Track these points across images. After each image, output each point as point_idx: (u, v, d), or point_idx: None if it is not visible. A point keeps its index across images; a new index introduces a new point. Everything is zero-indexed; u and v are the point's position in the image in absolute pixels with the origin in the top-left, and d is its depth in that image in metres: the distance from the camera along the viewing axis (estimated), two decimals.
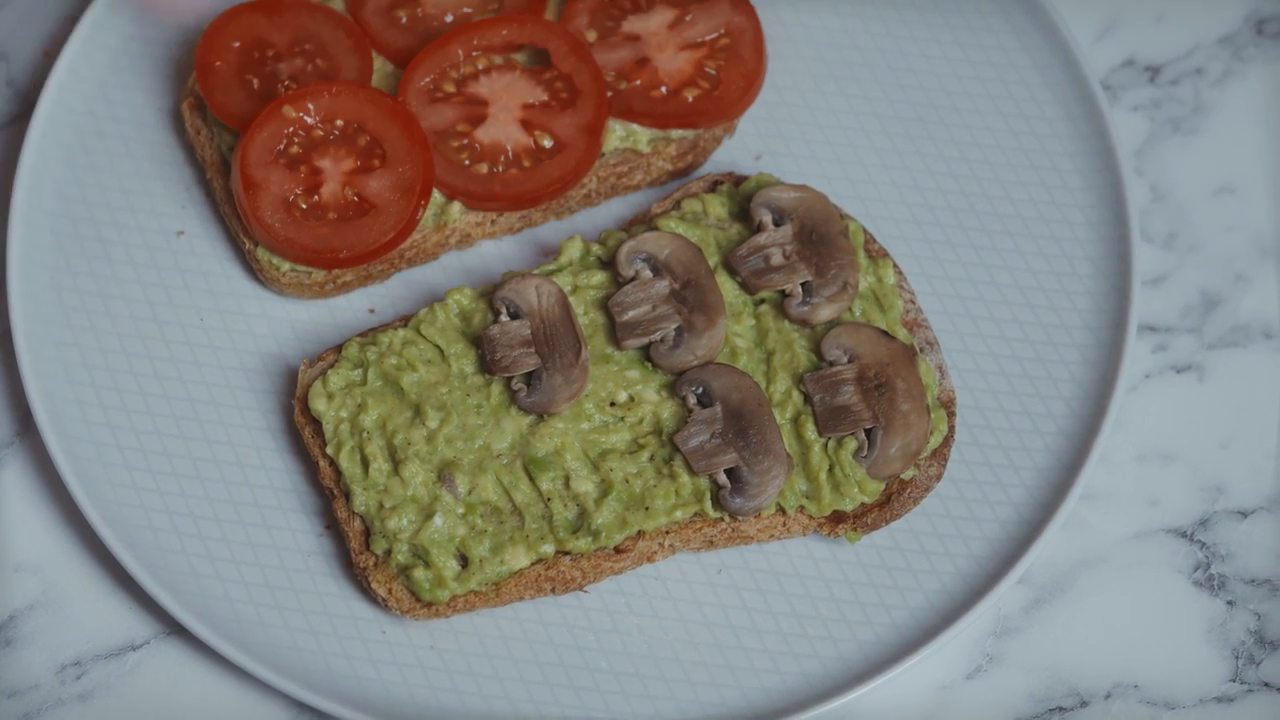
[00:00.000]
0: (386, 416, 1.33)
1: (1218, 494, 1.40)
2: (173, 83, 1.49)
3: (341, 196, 1.39)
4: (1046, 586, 1.36)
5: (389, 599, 1.30)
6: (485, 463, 1.31)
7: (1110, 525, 1.38)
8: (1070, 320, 1.42)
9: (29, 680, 1.32)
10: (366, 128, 1.40)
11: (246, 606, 1.32)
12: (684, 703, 1.30)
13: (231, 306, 1.42)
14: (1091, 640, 1.35)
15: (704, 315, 1.35)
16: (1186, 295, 1.47)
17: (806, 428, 1.32)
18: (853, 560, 1.35)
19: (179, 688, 1.32)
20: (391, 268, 1.42)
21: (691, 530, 1.32)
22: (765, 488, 1.30)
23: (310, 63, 1.45)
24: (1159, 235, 1.49)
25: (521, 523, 1.30)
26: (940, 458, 1.35)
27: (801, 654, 1.32)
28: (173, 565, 1.33)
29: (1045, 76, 1.51)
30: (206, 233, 1.44)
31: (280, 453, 1.37)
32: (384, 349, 1.35)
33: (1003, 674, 1.34)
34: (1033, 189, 1.47)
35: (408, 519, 1.30)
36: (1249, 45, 1.56)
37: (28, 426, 1.39)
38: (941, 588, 1.34)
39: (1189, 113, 1.53)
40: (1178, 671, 1.34)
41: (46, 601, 1.34)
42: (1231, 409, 1.42)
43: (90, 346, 1.39)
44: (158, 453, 1.36)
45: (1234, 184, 1.50)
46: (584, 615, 1.33)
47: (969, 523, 1.36)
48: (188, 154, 1.47)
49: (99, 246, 1.43)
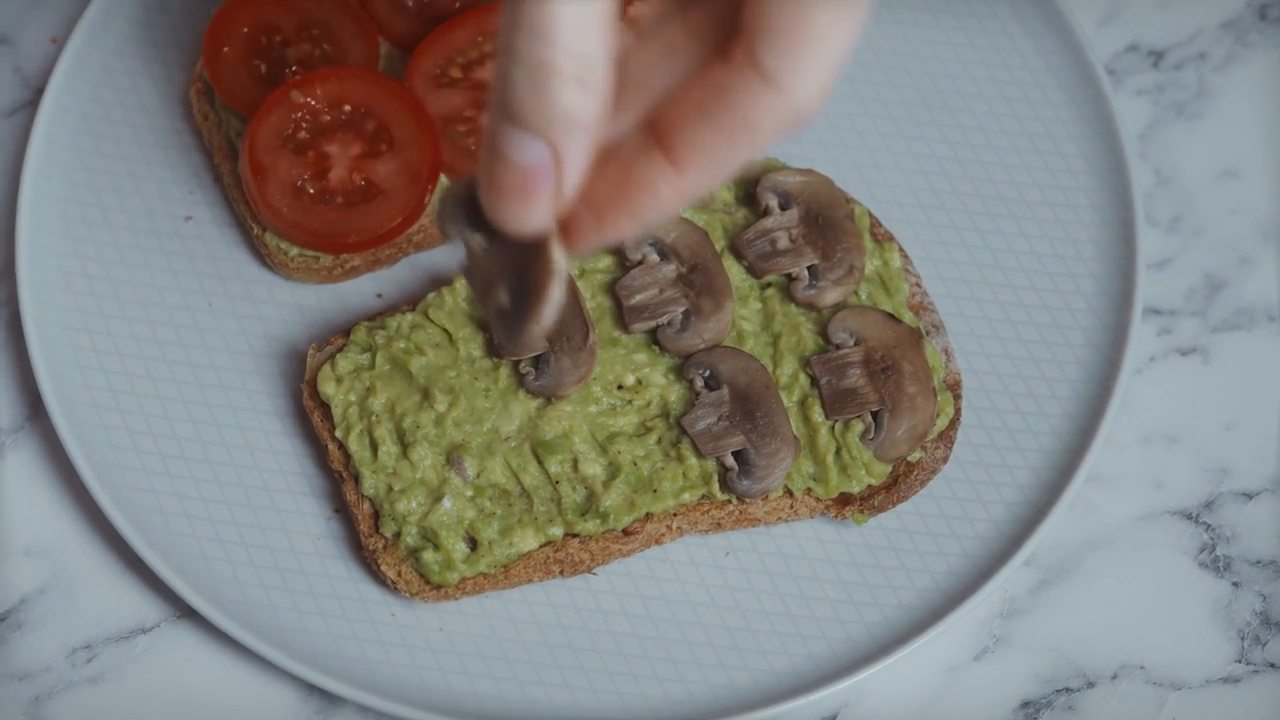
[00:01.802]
0: (395, 400, 1.33)
1: (1222, 476, 1.40)
2: (180, 69, 1.49)
3: (349, 181, 1.40)
4: (1052, 568, 1.37)
5: (398, 581, 1.30)
6: (494, 445, 1.32)
7: (1116, 507, 1.39)
8: (1075, 303, 1.43)
9: (40, 663, 1.32)
10: (374, 113, 1.41)
11: (256, 589, 1.32)
12: (692, 684, 1.31)
13: (240, 291, 1.42)
14: (1098, 622, 1.35)
15: (711, 299, 1.35)
16: (1190, 278, 1.47)
17: (813, 410, 1.33)
18: (860, 542, 1.35)
19: (189, 670, 1.32)
20: (399, 252, 1.43)
21: (699, 512, 1.33)
22: (773, 470, 1.31)
23: (317, 48, 1.45)
24: (1163, 219, 1.49)
25: (530, 505, 1.31)
26: (946, 440, 1.35)
27: (809, 636, 1.32)
28: (182, 549, 1.33)
29: (1049, 61, 1.51)
30: (214, 218, 1.45)
31: (289, 436, 1.37)
32: (392, 333, 1.35)
33: (1010, 655, 1.35)
34: (1037, 173, 1.48)
35: (417, 502, 1.30)
36: (1252, 30, 1.56)
37: (37, 411, 1.40)
38: (948, 569, 1.34)
39: (1192, 97, 1.54)
40: (1184, 652, 1.35)
41: (57, 585, 1.35)
42: (1236, 391, 1.43)
43: (99, 331, 1.40)
44: (167, 437, 1.37)
45: (1237, 168, 1.51)
46: (592, 597, 1.33)
47: (975, 505, 1.36)
48: (195, 140, 1.47)
49: (107, 232, 1.43)
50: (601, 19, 0.89)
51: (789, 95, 0.90)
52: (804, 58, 0.89)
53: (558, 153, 0.92)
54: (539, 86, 0.90)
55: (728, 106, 0.91)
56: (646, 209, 0.94)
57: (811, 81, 0.90)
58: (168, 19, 1.51)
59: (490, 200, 0.95)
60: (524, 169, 0.92)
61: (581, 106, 0.90)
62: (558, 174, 0.93)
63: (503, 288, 1.02)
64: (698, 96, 0.92)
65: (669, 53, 0.95)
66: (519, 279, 1.00)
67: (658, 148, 0.93)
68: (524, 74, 0.90)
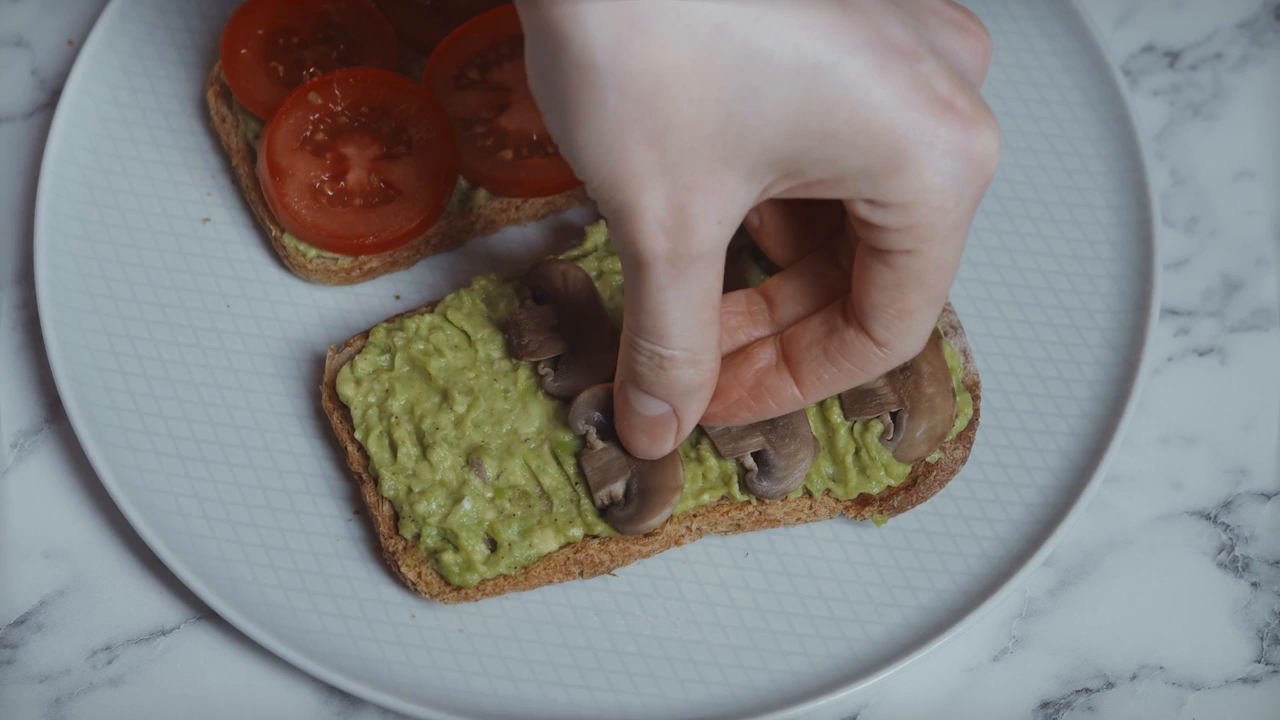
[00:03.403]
0: (414, 401, 1.33)
1: (1241, 476, 1.40)
2: (197, 71, 1.49)
3: (367, 183, 1.40)
4: (1071, 569, 1.37)
5: (418, 583, 1.30)
6: (513, 447, 1.32)
7: (1134, 508, 1.39)
8: (1093, 304, 1.43)
9: (60, 665, 1.33)
10: (392, 114, 1.41)
11: (275, 591, 1.32)
12: (712, 685, 1.31)
13: (258, 293, 1.42)
14: (1117, 622, 1.35)
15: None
16: (1208, 279, 1.47)
17: (832, 411, 1.33)
18: (879, 543, 1.35)
19: (209, 672, 1.32)
20: (417, 254, 1.43)
21: (719, 513, 1.33)
22: (792, 471, 1.31)
23: (334, 49, 1.45)
24: (1180, 219, 1.49)
25: (550, 506, 1.31)
26: (965, 441, 1.35)
27: (828, 636, 1.32)
28: (202, 550, 1.33)
29: (1065, 62, 1.51)
30: (233, 220, 1.45)
31: (308, 438, 1.37)
32: (411, 334, 1.35)
33: (1029, 656, 1.35)
34: (1054, 173, 1.48)
35: (436, 503, 1.30)
36: (1268, 30, 1.56)
37: (56, 413, 1.40)
38: (967, 570, 1.34)
39: (1209, 97, 1.54)
40: (1203, 653, 1.35)
41: (77, 587, 1.35)
42: (1254, 391, 1.43)
43: (118, 333, 1.40)
44: (186, 439, 1.37)
45: (1254, 168, 1.51)
46: (612, 599, 1.33)
47: (994, 505, 1.36)
48: (213, 141, 1.47)
49: (125, 234, 1.43)
50: (703, 321, 1.13)
51: (896, 353, 1.17)
52: (905, 331, 1.15)
53: (678, 410, 1.20)
54: (658, 370, 1.17)
55: (848, 358, 1.18)
56: (768, 412, 1.22)
57: (913, 342, 1.16)
58: (184, 21, 1.51)
59: (623, 435, 1.25)
60: (650, 419, 1.21)
61: (694, 380, 1.17)
62: (679, 422, 1.21)
63: (619, 483, 1.28)
64: (824, 343, 1.18)
65: (798, 295, 1.22)
66: (639, 481, 1.28)
67: (787, 370, 1.20)
68: (646, 360, 1.16)
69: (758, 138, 1.05)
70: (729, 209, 1.08)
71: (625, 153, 1.05)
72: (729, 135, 1.05)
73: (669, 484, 1.28)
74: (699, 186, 1.06)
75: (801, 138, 1.05)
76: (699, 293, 1.11)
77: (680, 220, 1.07)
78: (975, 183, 1.08)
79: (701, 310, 1.13)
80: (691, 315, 1.12)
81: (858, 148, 1.05)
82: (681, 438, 1.23)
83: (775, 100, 1.04)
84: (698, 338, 1.14)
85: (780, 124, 1.05)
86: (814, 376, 1.19)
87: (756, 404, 1.22)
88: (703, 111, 1.03)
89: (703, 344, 1.15)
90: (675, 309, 1.11)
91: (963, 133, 1.06)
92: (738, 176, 1.07)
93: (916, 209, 1.08)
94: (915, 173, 1.06)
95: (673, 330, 1.13)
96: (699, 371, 1.16)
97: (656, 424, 1.21)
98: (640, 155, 1.04)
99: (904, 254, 1.10)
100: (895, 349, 1.16)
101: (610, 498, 1.29)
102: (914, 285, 1.11)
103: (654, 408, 1.20)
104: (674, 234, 1.07)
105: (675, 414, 1.20)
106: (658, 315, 1.12)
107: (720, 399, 1.22)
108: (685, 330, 1.13)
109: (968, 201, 1.08)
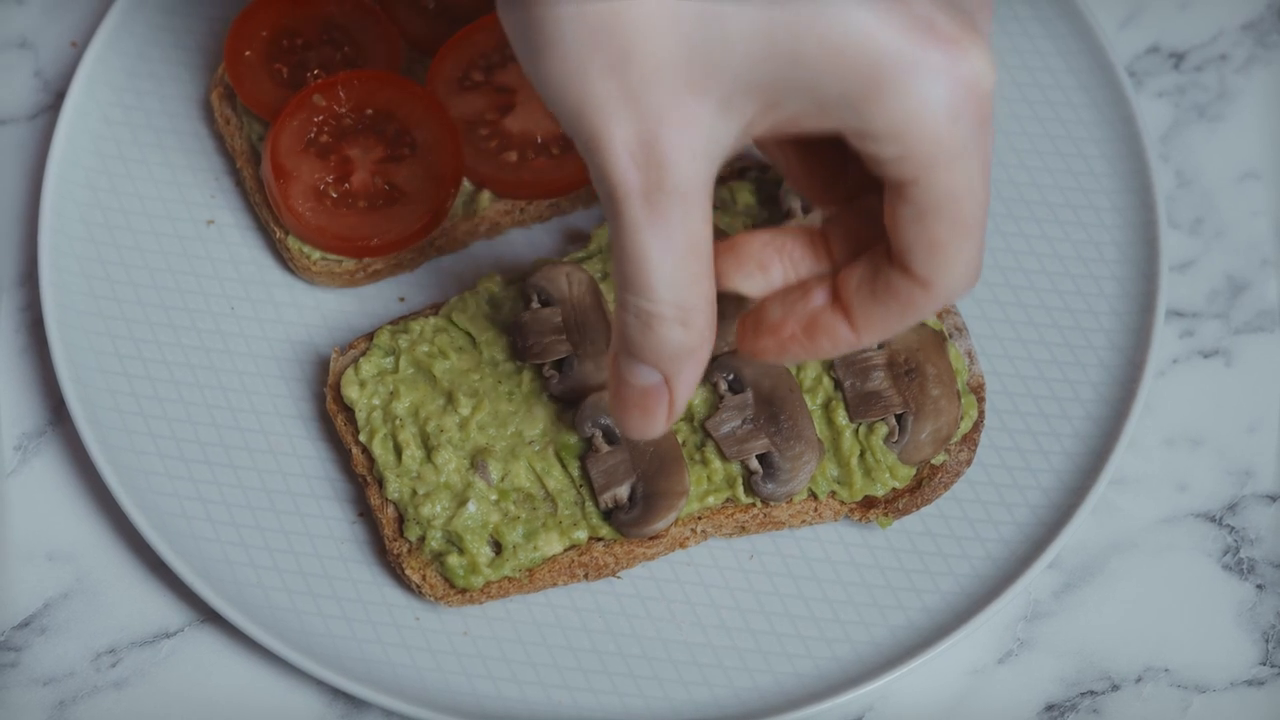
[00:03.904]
0: (419, 404, 1.33)
1: (1246, 478, 1.40)
2: (201, 73, 1.49)
3: (372, 185, 1.40)
4: (1077, 571, 1.37)
5: (423, 585, 1.30)
6: (518, 449, 1.32)
7: (1139, 509, 1.39)
8: (1098, 306, 1.43)
9: (64, 668, 1.32)
10: (396, 116, 1.41)
11: (280, 594, 1.32)
12: (717, 688, 1.31)
13: (262, 295, 1.42)
14: (1122, 624, 1.35)
15: (734, 302, 1.35)
16: (1213, 280, 1.47)
17: (837, 413, 1.33)
18: (884, 545, 1.35)
19: (213, 674, 1.32)
20: (422, 256, 1.43)
21: (724, 516, 1.33)
22: (797, 473, 1.31)
23: (338, 51, 1.45)
24: (1185, 221, 1.49)
25: (554, 509, 1.31)
26: (970, 443, 1.35)
27: (834, 639, 1.32)
28: (206, 553, 1.33)
29: (1070, 63, 1.51)
30: (237, 222, 1.45)
31: (312, 440, 1.37)
32: (415, 336, 1.35)
33: (1034, 658, 1.34)
34: (1059, 175, 1.48)
35: (441, 506, 1.30)
36: (1272, 31, 1.56)
37: (60, 415, 1.40)
38: (972, 572, 1.34)
39: (1213, 99, 1.54)
40: (1208, 655, 1.35)
41: (81, 590, 1.35)
42: (1259, 393, 1.43)
43: (122, 335, 1.40)
44: (190, 441, 1.37)
45: (1259, 169, 1.51)
46: (617, 601, 1.33)
47: (999, 507, 1.36)
48: (217, 143, 1.47)
49: (129, 236, 1.43)
50: (693, 275, 1.06)
51: (939, 289, 1.09)
52: (941, 265, 1.08)
53: (668, 378, 1.12)
54: (646, 329, 1.08)
55: (895, 298, 1.10)
56: (821, 351, 1.14)
57: (955, 278, 1.09)
58: (188, 23, 1.51)
59: (615, 413, 1.15)
60: (641, 390, 1.12)
61: (684, 342, 1.09)
62: (670, 393, 1.13)
63: (624, 486, 1.28)
64: (871, 284, 1.11)
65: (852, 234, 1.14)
66: (644, 485, 1.27)
67: (839, 311, 1.13)
68: (633, 319, 1.08)
69: (726, 64, 1.01)
70: (705, 143, 1.04)
71: (587, 82, 1.01)
72: (695, 63, 1.01)
73: (675, 488, 1.27)
74: (667, 117, 1.02)
75: (771, 62, 1.01)
76: (682, 238, 1.05)
77: (651, 152, 1.02)
78: (969, 105, 1.02)
79: (688, 260, 1.06)
80: (677, 264, 1.06)
81: (832, 73, 1.01)
82: (675, 415, 1.14)
83: (740, 25, 1.00)
84: (686, 293, 1.07)
85: (748, 50, 1.01)
86: (865, 317, 1.13)
87: (810, 342, 1.15)
88: (663, 38, 1.00)
89: (692, 302, 1.08)
90: (656, 253, 1.05)
91: (943, 54, 1.01)
92: (710, 107, 1.03)
93: (906, 137, 1.03)
94: (896, 98, 1.01)
95: (655, 280, 1.06)
96: (688, 333, 1.09)
97: (649, 395, 1.13)
98: (602, 84, 1.01)
99: (912, 184, 1.05)
100: (937, 285, 1.09)
101: (615, 501, 1.29)
102: (934, 216, 1.06)
103: (645, 375, 1.12)
104: (646, 167, 1.03)
105: (667, 383, 1.13)
106: (639, 261, 1.06)
107: (774, 334, 1.15)
108: (671, 282, 1.06)
109: (965, 125, 1.03)
